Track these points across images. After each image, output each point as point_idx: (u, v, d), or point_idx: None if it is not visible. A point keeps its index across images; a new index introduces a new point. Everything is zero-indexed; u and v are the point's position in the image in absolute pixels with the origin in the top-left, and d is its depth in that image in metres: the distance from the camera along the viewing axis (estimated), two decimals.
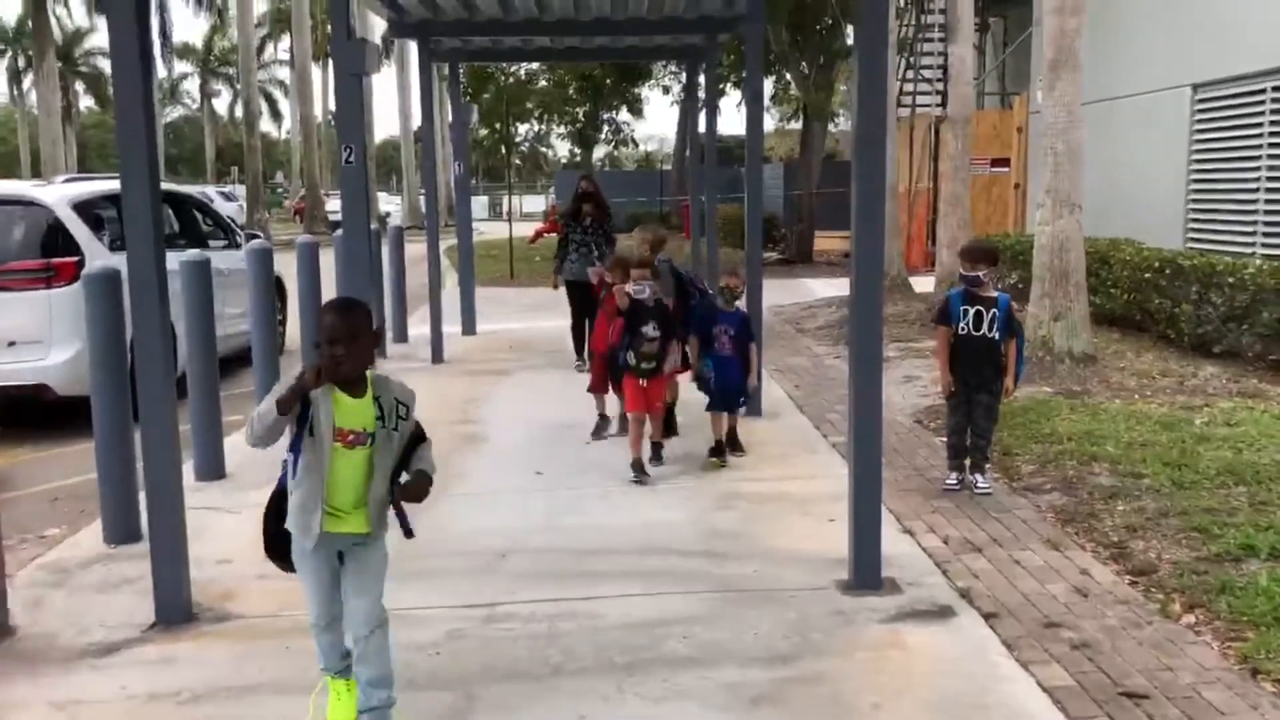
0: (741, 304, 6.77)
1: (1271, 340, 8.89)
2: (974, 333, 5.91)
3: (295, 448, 3.13)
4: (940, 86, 18.64)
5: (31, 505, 6.29)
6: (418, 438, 3.26)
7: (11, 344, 7.60)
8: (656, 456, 6.50)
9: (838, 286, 16.34)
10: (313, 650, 3.45)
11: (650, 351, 6.29)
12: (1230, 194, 12.00)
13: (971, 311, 5.91)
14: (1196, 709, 3.51)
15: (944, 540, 5.16)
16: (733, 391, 6.61)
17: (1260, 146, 11.42)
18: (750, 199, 8.09)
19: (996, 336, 5.91)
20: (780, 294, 15.05)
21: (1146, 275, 10.51)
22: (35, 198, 8.21)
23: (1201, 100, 12.58)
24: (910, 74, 19.47)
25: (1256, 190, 11.48)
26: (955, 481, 6.03)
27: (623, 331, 6.38)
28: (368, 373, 3.14)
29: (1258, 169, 11.45)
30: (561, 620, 4.28)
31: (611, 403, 7.18)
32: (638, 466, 6.26)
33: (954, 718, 3.45)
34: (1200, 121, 12.62)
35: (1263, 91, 11.37)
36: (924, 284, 14.50)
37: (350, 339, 3.05)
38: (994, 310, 5.91)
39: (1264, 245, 11.21)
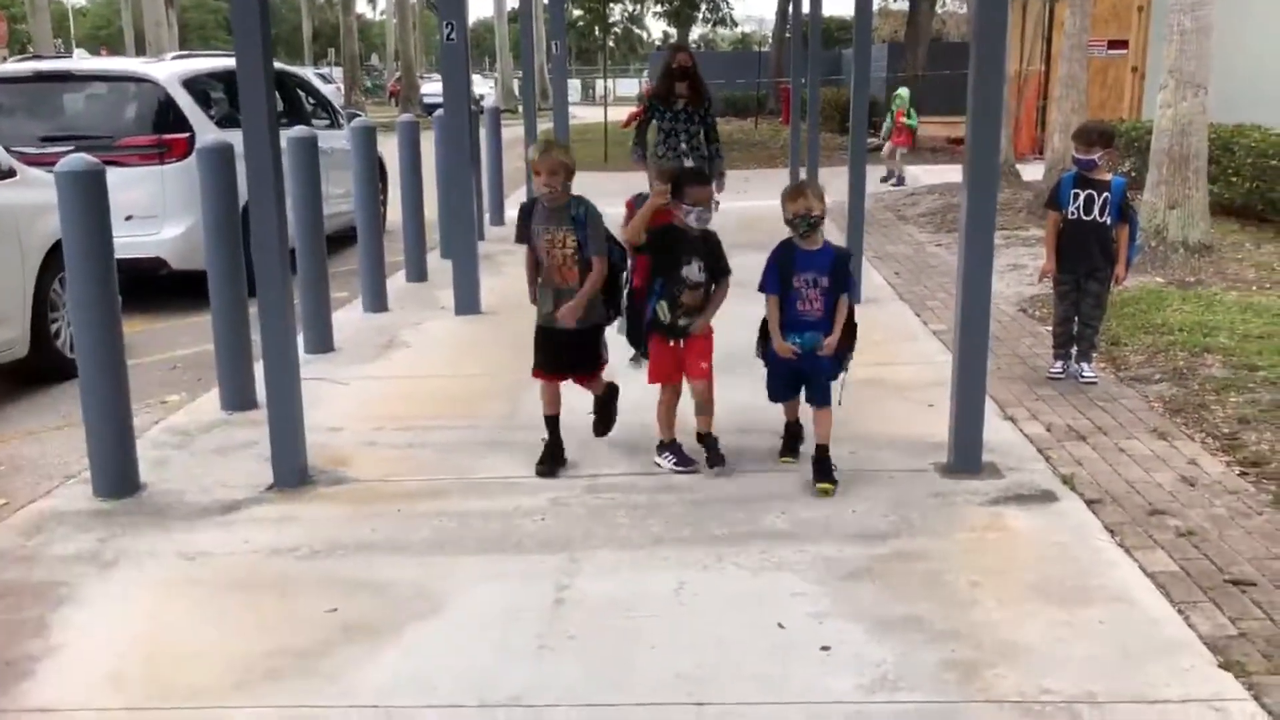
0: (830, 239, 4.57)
1: None
2: (1084, 217, 5.72)
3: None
4: None
5: (152, 373, 6.57)
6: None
7: (128, 218, 7.83)
8: (714, 457, 4.57)
9: (941, 173, 15.92)
10: (422, 512, 3.58)
11: (694, 303, 4.50)
12: None
13: (1083, 196, 5.71)
14: None
15: (1047, 427, 5.10)
16: (821, 374, 4.46)
17: None
18: (857, 80, 7.86)
19: (1108, 222, 5.70)
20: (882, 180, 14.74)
21: (1273, 162, 10.00)
22: (147, 74, 8.36)
23: None
24: None
25: None
26: (1060, 370, 5.91)
27: (650, 271, 4.55)
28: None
29: None
30: (661, 493, 4.36)
31: None
32: (674, 450, 4.63)
33: (1055, 599, 3.45)
34: None
35: None
36: (1032, 171, 14.03)
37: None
38: (1106, 194, 5.69)
39: None
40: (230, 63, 8.96)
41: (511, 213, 11.85)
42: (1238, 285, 7.81)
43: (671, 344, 4.53)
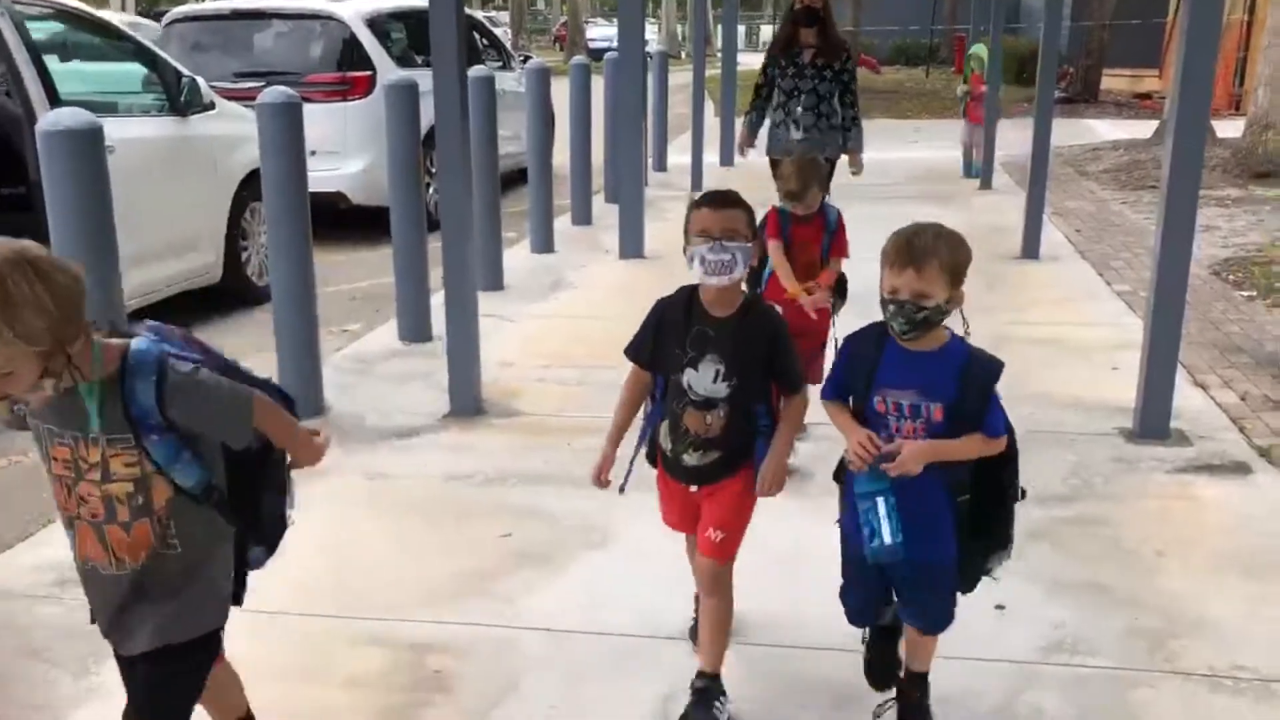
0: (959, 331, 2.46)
1: None
2: None
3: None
4: None
5: (333, 302, 6.83)
6: None
7: (312, 153, 8.10)
8: (701, 703, 2.59)
9: (1125, 128, 15.13)
10: (590, 447, 3.60)
11: (703, 431, 2.55)
12: None
13: None
14: None
15: (1241, 396, 4.82)
16: (930, 581, 2.46)
17: None
18: (1048, 27, 7.50)
19: None
20: (1062, 134, 14.01)
21: None
22: (332, 12, 8.63)
23: None
24: None
25: None
26: None
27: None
28: None
29: None
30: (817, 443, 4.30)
31: None
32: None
33: (1249, 573, 3.28)
34: None
35: None
36: (1227, 128, 13.18)
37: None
38: None
39: None
40: (409, 2, 9.26)
41: (677, 158, 11.82)
42: None
43: (691, 490, 2.62)
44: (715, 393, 2.52)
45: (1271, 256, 7.48)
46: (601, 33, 38.91)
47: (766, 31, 29.97)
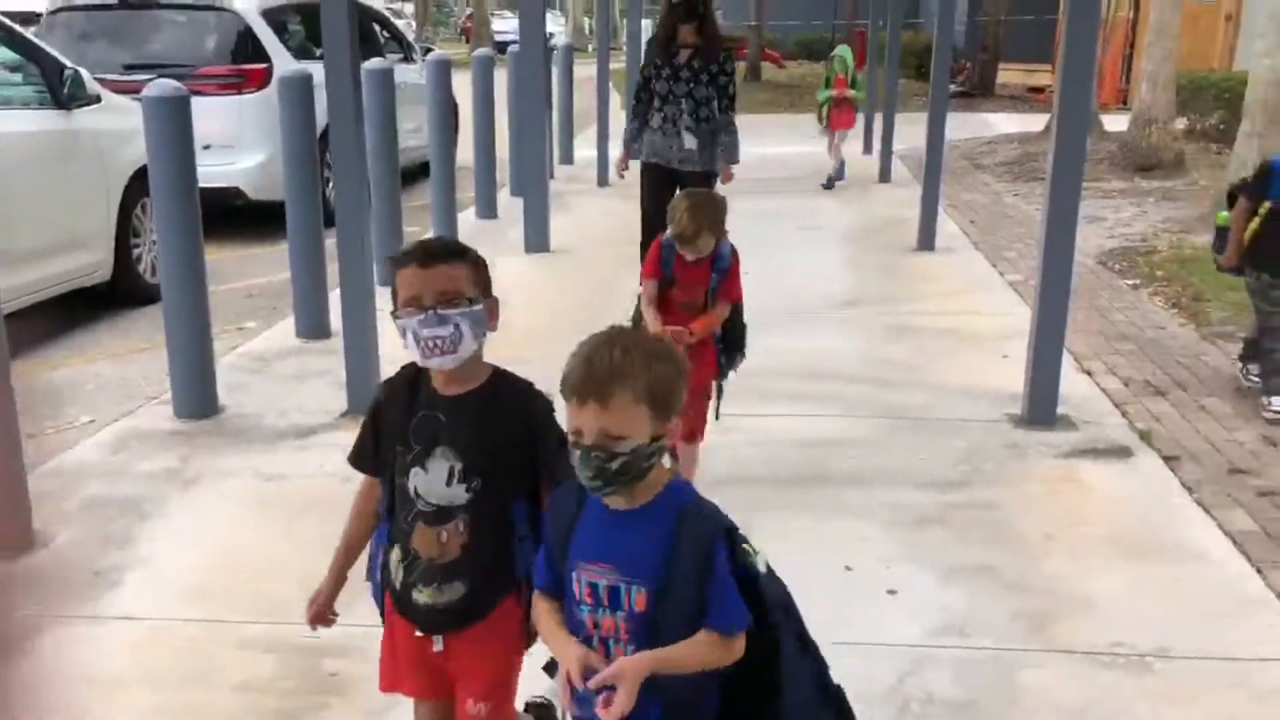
0: None
1: None
2: None
3: None
4: None
5: (229, 300, 6.67)
6: None
7: (206, 147, 7.92)
8: None
9: (1020, 122, 15.55)
10: None
11: (435, 554, 1.97)
12: None
13: None
14: None
15: (1124, 382, 5.00)
16: None
17: None
18: (941, 22, 7.67)
19: None
20: (958, 128, 14.35)
21: None
22: (227, 5, 8.41)
23: None
24: None
25: None
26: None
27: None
28: None
29: None
30: (729, 433, 4.35)
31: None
32: None
33: (1130, 554, 3.41)
34: None
35: None
36: (1115, 123, 13.62)
37: None
38: None
39: None
40: None
41: (583, 152, 11.81)
42: None
43: (420, 635, 2.03)
44: (452, 499, 1.92)
45: (1154, 246, 7.77)
46: (509, 25, 38.58)
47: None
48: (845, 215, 9.04)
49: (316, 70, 5.50)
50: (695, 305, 3.50)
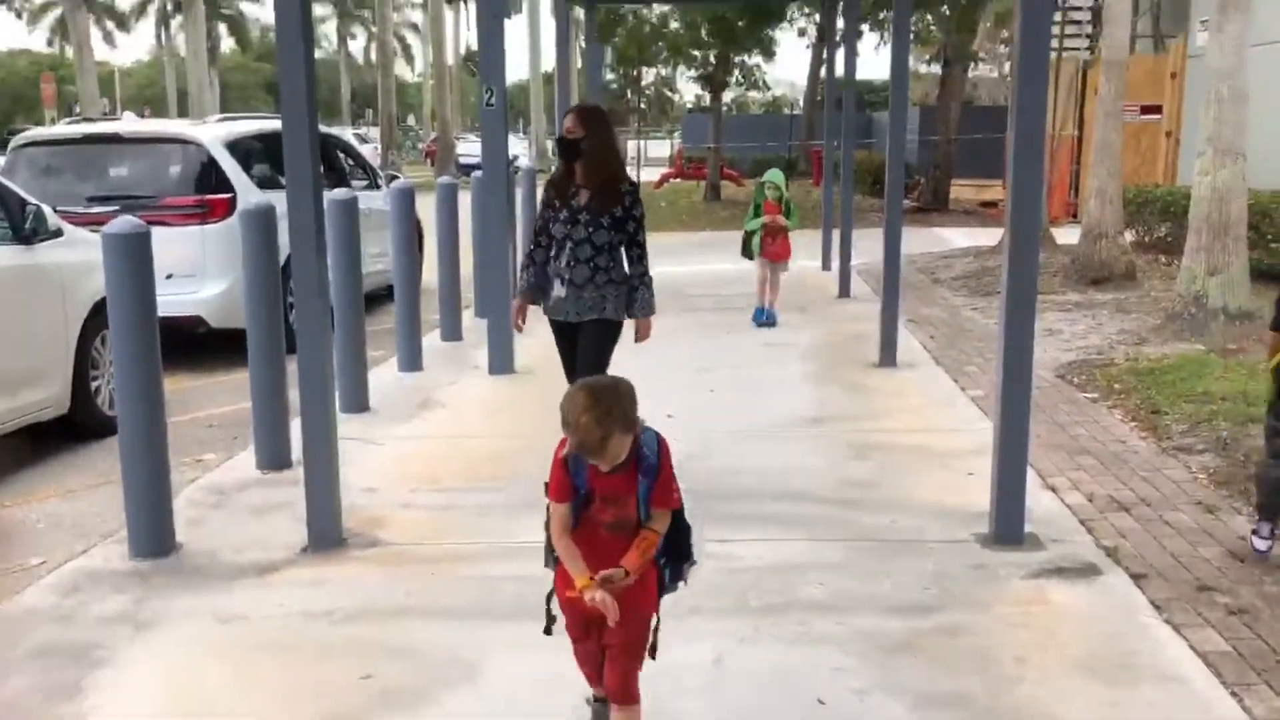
0: None
1: None
2: None
3: None
4: (1089, 29, 17.79)
5: (189, 430, 6.60)
6: None
7: (169, 276, 7.93)
8: None
9: (974, 236, 15.92)
10: (456, 576, 3.55)
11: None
12: None
13: None
14: None
15: (1088, 498, 5.02)
16: None
17: None
18: (893, 142, 7.88)
19: None
20: (915, 242, 14.69)
21: None
22: (191, 136, 8.53)
23: None
24: (1058, 16, 18.62)
25: None
26: (1267, 538, 4.29)
27: None
28: None
29: None
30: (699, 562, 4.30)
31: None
32: None
33: (1102, 677, 3.37)
34: None
35: None
36: (1066, 236, 13.98)
37: None
38: None
39: None
40: (271, 125, 9.23)
41: None
42: None
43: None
44: None
45: (1111, 359, 7.89)
46: (473, 149, 39.31)
47: (633, 147, 30.71)
48: (807, 331, 9.13)
49: (280, 200, 5.57)
50: (627, 523, 2.71)
